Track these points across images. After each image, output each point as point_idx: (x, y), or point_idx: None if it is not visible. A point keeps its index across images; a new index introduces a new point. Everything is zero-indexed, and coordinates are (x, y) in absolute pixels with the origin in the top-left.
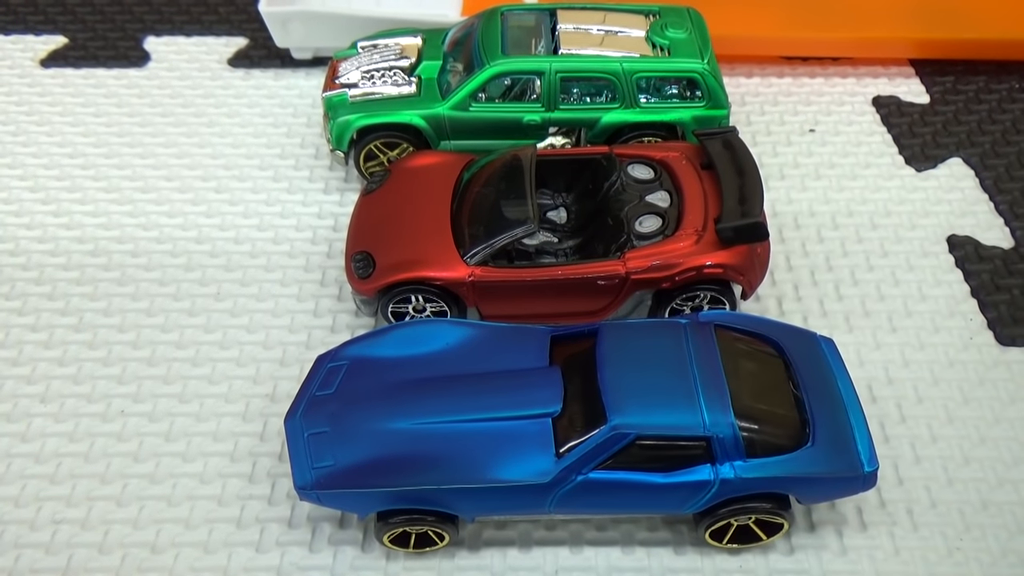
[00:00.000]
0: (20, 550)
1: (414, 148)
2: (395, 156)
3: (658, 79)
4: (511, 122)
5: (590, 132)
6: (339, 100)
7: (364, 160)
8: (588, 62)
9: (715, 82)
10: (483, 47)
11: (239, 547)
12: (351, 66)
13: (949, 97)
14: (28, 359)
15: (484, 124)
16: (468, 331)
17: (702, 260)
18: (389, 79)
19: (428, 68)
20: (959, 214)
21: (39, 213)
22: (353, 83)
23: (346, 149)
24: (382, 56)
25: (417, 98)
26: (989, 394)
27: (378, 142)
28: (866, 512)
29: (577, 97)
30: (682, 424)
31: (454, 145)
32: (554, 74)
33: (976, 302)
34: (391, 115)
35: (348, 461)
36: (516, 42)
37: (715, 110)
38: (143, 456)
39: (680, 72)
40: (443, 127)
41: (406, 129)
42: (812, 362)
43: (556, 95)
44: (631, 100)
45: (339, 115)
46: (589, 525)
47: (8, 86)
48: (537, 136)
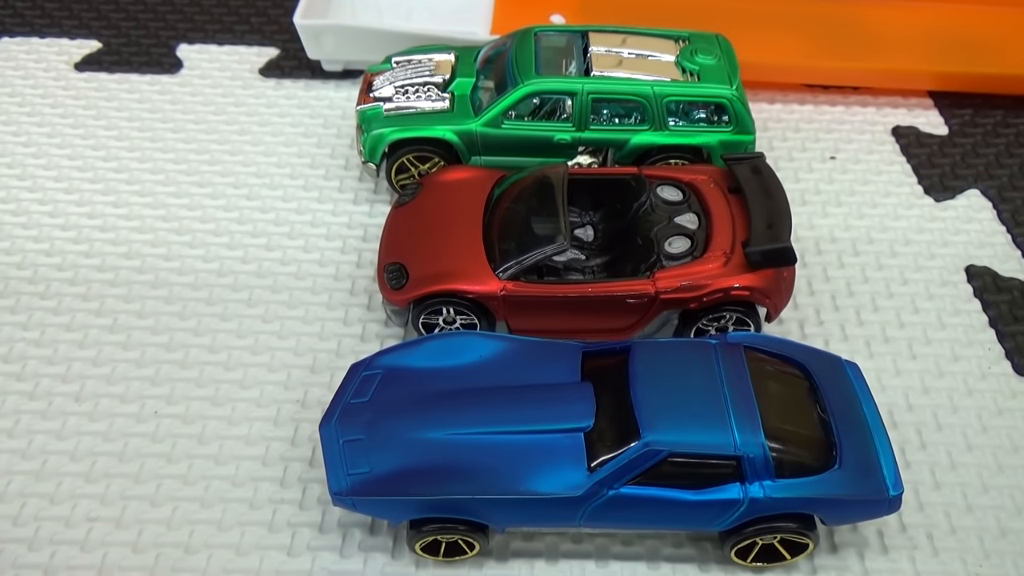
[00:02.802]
0: (55, 547)
1: (446, 163)
2: (426, 170)
3: (687, 103)
4: (542, 140)
5: (619, 152)
6: (373, 113)
7: (396, 173)
8: (620, 84)
9: (743, 108)
10: (517, 66)
11: (271, 550)
12: (385, 80)
13: (967, 130)
14: (63, 358)
15: (515, 141)
16: (501, 344)
17: (730, 282)
18: (423, 94)
19: (461, 85)
20: (977, 245)
21: (74, 215)
22: (387, 97)
23: (378, 162)
24: (416, 72)
25: (450, 114)
26: (1007, 423)
27: (411, 155)
28: (887, 536)
29: (607, 118)
30: (714, 443)
31: (485, 161)
32: (586, 95)
33: (994, 332)
34: (425, 130)
35: (383, 469)
36: (548, 62)
37: (742, 135)
38: (176, 457)
39: (709, 97)
40: (475, 143)
41: (438, 144)
42: (838, 386)
43: (587, 115)
44: (660, 123)
45: (373, 128)
46: (615, 539)
47: (43, 88)
48: (566, 155)
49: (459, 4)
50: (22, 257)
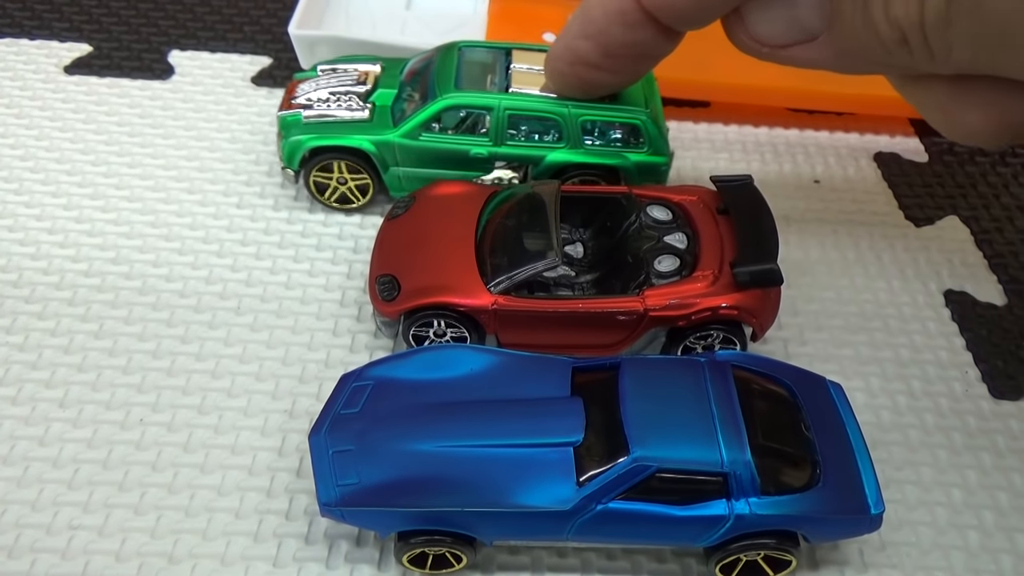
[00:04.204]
0: (36, 555)
1: (367, 174)
2: (346, 178)
3: (603, 123)
4: (459, 153)
5: (535, 169)
6: (293, 120)
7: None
8: (536, 102)
9: (656, 130)
10: (437, 80)
11: (256, 561)
12: (309, 88)
13: (947, 157)
14: (48, 363)
15: (432, 153)
16: (491, 358)
17: (718, 301)
18: (344, 103)
19: (383, 95)
20: (955, 269)
21: (61, 219)
22: (308, 104)
23: (297, 168)
24: (340, 81)
25: (369, 124)
26: (982, 444)
27: (343, 164)
28: (867, 553)
29: (525, 134)
30: (701, 459)
31: (402, 172)
32: (503, 111)
33: (972, 355)
34: (342, 138)
35: (373, 480)
36: (471, 77)
37: (656, 156)
38: (161, 466)
39: (623, 118)
40: (393, 154)
41: (355, 153)
42: (822, 405)
43: (504, 131)
44: (576, 141)
45: (291, 134)
46: (600, 553)
47: (32, 90)
48: (483, 169)
49: (453, 20)
50: (7, 260)
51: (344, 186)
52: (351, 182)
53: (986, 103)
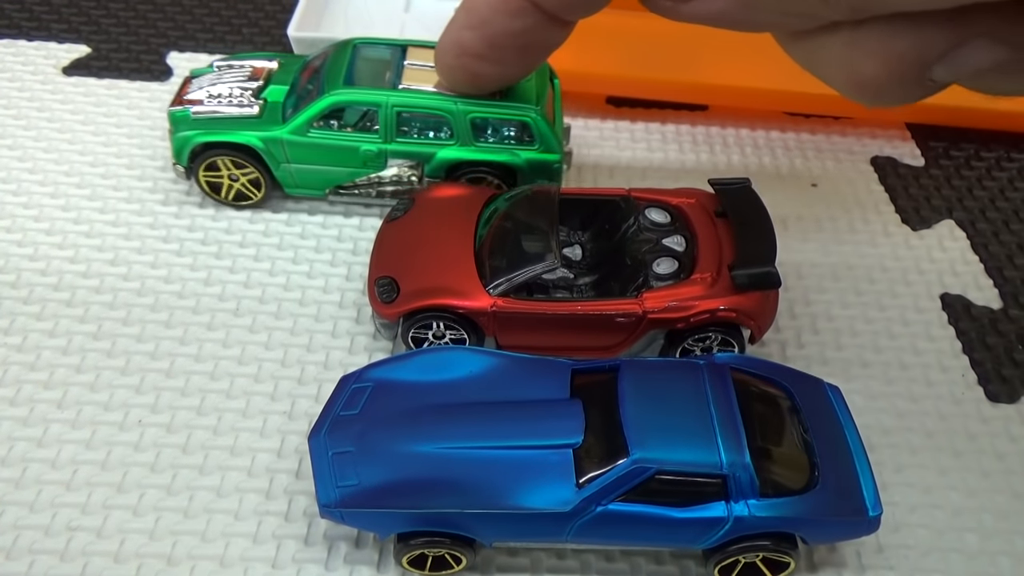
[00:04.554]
0: (34, 556)
1: (255, 168)
2: (238, 175)
3: (494, 120)
4: (349, 150)
5: (428, 166)
6: (182, 116)
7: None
8: (423, 99)
9: (546, 128)
10: (327, 76)
11: (255, 562)
12: (202, 83)
13: (942, 161)
14: (46, 364)
15: (322, 150)
16: (491, 360)
17: (716, 304)
18: (235, 100)
19: (275, 92)
20: (951, 273)
21: (60, 220)
22: (199, 100)
23: (186, 164)
24: (233, 77)
25: (258, 120)
26: (979, 447)
27: (227, 160)
28: (865, 556)
29: (418, 131)
30: (701, 461)
31: (294, 169)
32: (391, 107)
33: (968, 359)
34: (229, 134)
35: (373, 481)
36: (366, 74)
37: (547, 154)
38: (160, 467)
39: (511, 115)
40: (282, 150)
41: (245, 149)
42: (820, 408)
43: (393, 127)
44: (466, 138)
45: (180, 130)
46: (599, 555)
47: (30, 91)
48: (376, 165)
49: None
50: (5, 261)
51: (237, 183)
52: (242, 178)
53: (880, 47)
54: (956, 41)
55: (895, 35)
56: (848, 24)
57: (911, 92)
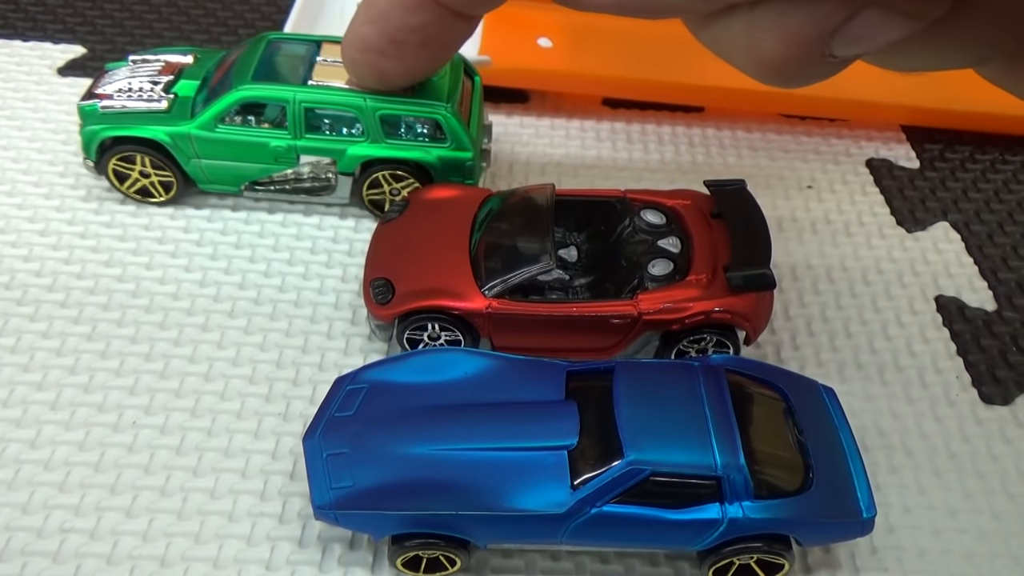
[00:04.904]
0: (27, 558)
1: (170, 170)
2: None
3: (406, 117)
4: (258, 146)
5: (339, 162)
6: (90, 110)
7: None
8: (331, 95)
9: (458, 125)
10: (236, 71)
11: (249, 564)
12: (114, 78)
13: (937, 164)
14: (40, 366)
15: (231, 145)
16: (486, 361)
17: (711, 305)
18: (144, 94)
19: (185, 87)
20: (946, 275)
21: (54, 220)
22: (108, 94)
23: (95, 159)
24: (144, 71)
25: (166, 115)
26: (973, 449)
27: (146, 158)
28: (859, 557)
29: (329, 128)
30: (695, 463)
31: (205, 164)
32: (298, 104)
33: (962, 360)
34: (136, 129)
35: (367, 483)
36: (278, 69)
37: (459, 152)
38: (154, 468)
39: (421, 112)
40: (190, 145)
41: (151, 144)
42: (814, 409)
43: (301, 123)
44: (376, 135)
45: (87, 124)
46: (593, 557)
47: (24, 92)
48: (288, 161)
49: None
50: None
51: (147, 179)
52: (154, 177)
53: (777, 25)
54: (848, 13)
55: (791, 12)
56: (746, 5)
57: (814, 70)
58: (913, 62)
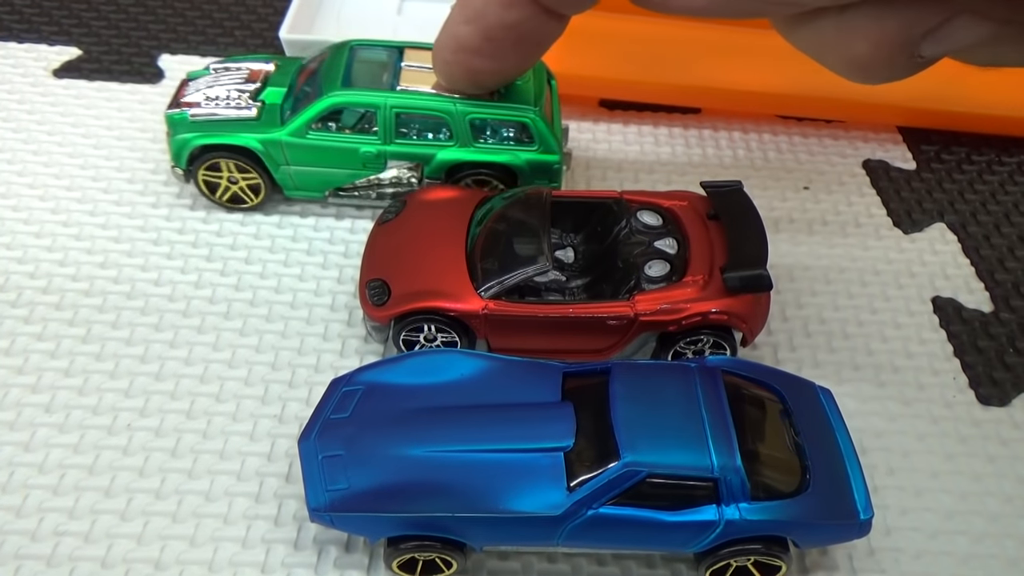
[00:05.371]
0: (21, 561)
1: (257, 173)
2: (238, 177)
3: (493, 121)
4: (348, 152)
5: (427, 167)
6: (180, 118)
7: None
8: (422, 100)
9: (545, 128)
10: (325, 78)
11: (244, 567)
12: (199, 86)
13: (934, 165)
14: (34, 368)
15: (321, 152)
16: (482, 363)
17: (708, 306)
18: (232, 102)
19: (272, 94)
20: (943, 276)
21: (49, 223)
22: (196, 103)
23: (184, 166)
24: (230, 79)
25: (257, 122)
26: (970, 451)
27: (231, 163)
28: (856, 559)
29: (417, 132)
30: (692, 465)
31: (293, 171)
32: (389, 109)
33: (959, 362)
34: (228, 137)
35: (362, 485)
36: (363, 76)
37: (546, 155)
38: (149, 471)
39: (511, 116)
40: (281, 152)
41: (243, 151)
42: (811, 411)
43: (392, 129)
44: (466, 139)
45: (178, 133)
46: (590, 559)
47: (20, 93)
48: (375, 167)
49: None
50: None
51: (235, 185)
52: (242, 181)
53: (870, 29)
54: (941, 18)
55: (884, 16)
56: (835, 8)
57: (902, 69)
58: (995, 58)
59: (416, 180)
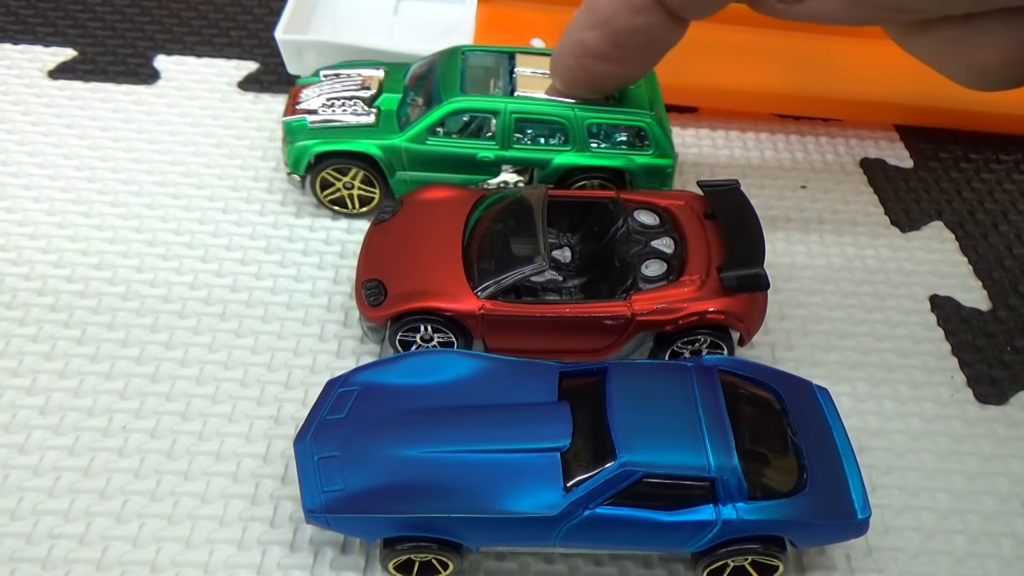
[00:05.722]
0: (16, 564)
1: (377, 185)
2: (355, 184)
3: (608, 126)
4: (466, 157)
5: (542, 172)
6: (298, 125)
7: (320, 186)
8: (542, 105)
9: (661, 132)
10: (442, 84)
11: (240, 569)
12: (313, 93)
13: (932, 163)
14: (28, 370)
15: (439, 157)
16: (478, 363)
17: (705, 306)
18: (349, 108)
19: (388, 100)
20: (940, 275)
21: (44, 224)
22: (313, 110)
23: (303, 173)
24: (344, 86)
25: (375, 128)
26: (968, 449)
27: (331, 169)
28: (854, 558)
29: (531, 137)
30: (689, 464)
31: (409, 176)
32: (509, 114)
33: (957, 360)
34: (348, 143)
35: (358, 486)
36: (475, 81)
37: (661, 159)
38: (144, 473)
39: (629, 121)
40: (399, 158)
41: (362, 158)
42: (808, 410)
43: (510, 134)
44: (582, 144)
45: (297, 140)
46: (587, 560)
47: (15, 95)
48: (491, 172)
49: (441, 25)
50: None
51: (349, 191)
52: (357, 190)
53: (1000, 37)
54: None
55: (1013, 26)
56: (960, 17)
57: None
58: None
59: (524, 184)
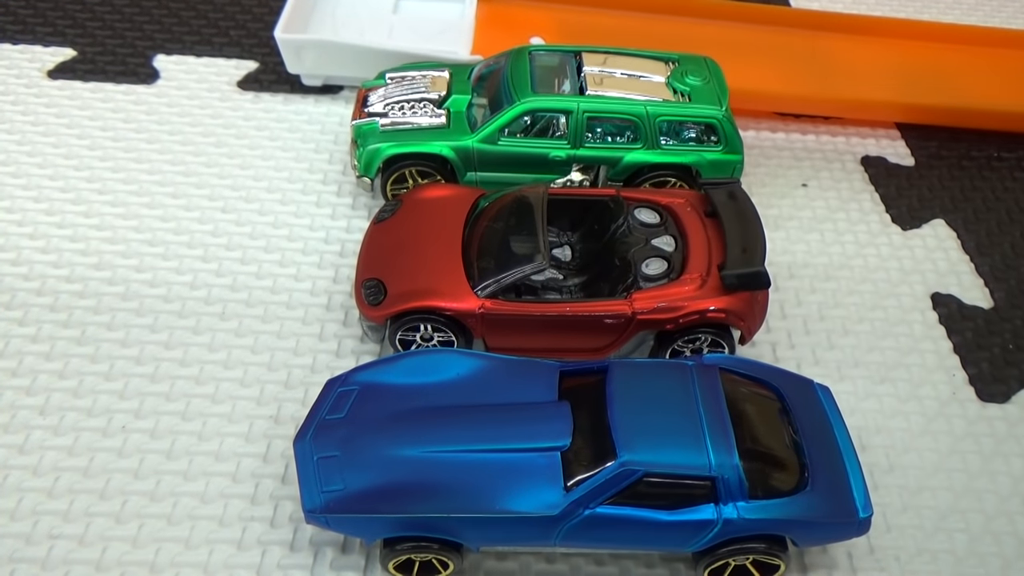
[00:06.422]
0: (15, 564)
1: (442, 178)
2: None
3: (679, 123)
4: (537, 157)
5: (612, 170)
6: (369, 128)
7: (391, 187)
8: (614, 103)
9: (732, 128)
10: (513, 84)
11: (240, 569)
12: (381, 96)
13: (933, 161)
14: (28, 370)
15: (511, 158)
16: (478, 362)
17: (706, 304)
18: (420, 110)
19: (457, 101)
20: (942, 273)
21: (43, 224)
22: (383, 112)
23: (373, 176)
24: (412, 88)
25: (447, 130)
26: (971, 448)
27: (412, 170)
28: (856, 557)
29: (600, 136)
30: (689, 463)
31: (480, 177)
32: (581, 113)
33: (959, 358)
34: (421, 145)
35: (358, 486)
36: (542, 81)
37: (731, 155)
38: (144, 473)
39: (700, 117)
40: (471, 159)
41: (434, 159)
42: (810, 408)
43: (582, 133)
44: (653, 141)
45: (369, 143)
46: (588, 559)
47: (14, 95)
48: (560, 171)
49: (440, 24)
50: None
51: None
52: None
53: None
54: None
55: None
56: None
57: None
58: None
59: (588, 183)
